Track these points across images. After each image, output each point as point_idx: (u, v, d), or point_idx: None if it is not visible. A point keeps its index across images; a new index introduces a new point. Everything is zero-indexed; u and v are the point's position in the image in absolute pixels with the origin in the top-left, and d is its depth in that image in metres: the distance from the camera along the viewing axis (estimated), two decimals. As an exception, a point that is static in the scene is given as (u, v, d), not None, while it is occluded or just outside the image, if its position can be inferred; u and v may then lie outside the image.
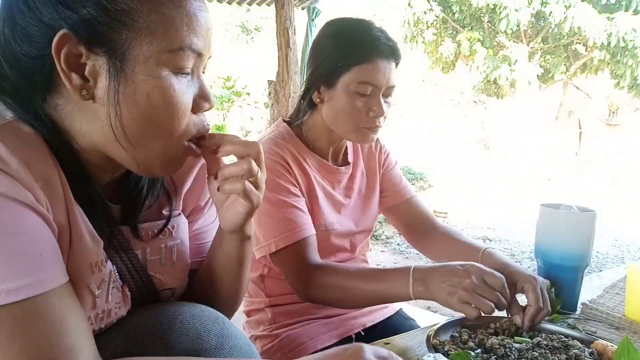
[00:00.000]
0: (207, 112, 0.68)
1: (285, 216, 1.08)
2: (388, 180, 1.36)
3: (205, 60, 0.65)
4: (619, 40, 9.20)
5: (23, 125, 0.58)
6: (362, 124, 1.13)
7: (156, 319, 0.67)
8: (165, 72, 0.59)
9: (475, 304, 0.87)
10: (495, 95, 12.21)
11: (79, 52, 0.57)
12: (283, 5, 4.17)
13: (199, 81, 0.65)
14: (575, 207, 1.10)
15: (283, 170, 1.12)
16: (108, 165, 0.65)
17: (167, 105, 0.60)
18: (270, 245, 1.08)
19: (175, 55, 0.59)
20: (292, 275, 1.09)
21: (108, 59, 0.57)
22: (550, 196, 7.94)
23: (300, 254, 1.08)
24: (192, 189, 0.80)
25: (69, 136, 0.61)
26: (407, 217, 1.36)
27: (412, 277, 0.95)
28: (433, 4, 10.67)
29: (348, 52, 1.10)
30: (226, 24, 15.75)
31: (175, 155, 0.65)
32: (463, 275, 0.90)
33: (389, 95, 1.15)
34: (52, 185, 0.56)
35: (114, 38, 0.56)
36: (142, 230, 0.71)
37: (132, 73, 0.58)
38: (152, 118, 0.60)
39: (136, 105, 0.59)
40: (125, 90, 0.58)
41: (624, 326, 1.03)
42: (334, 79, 1.12)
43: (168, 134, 0.61)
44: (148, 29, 0.57)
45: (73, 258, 0.59)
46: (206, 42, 0.63)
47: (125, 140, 0.60)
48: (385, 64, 1.10)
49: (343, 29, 1.16)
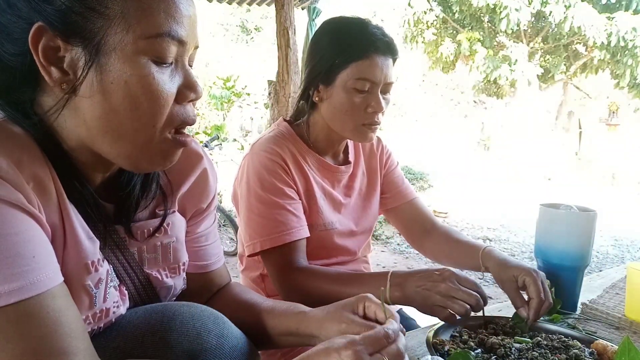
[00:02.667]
0: (202, 106, 0.67)
1: (275, 217, 1.09)
2: (390, 182, 1.36)
3: (189, 50, 0.63)
4: (619, 40, 9.20)
5: (13, 126, 0.57)
6: (360, 121, 1.13)
7: (156, 319, 0.67)
8: (143, 60, 0.58)
9: (449, 307, 0.90)
10: (495, 95, 12.21)
11: (57, 45, 0.56)
12: (283, 5, 4.17)
13: (184, 71, 0.63)
14: (575, 207, 1.10)
15: (280, 171, 1.12)
16: (98, 164, 0.65)
17: (147, 94, 0.58)
18: (256, 244, 1.09)
19: (153, 43, 0.57)
20: (275, 277, 1.10)
21: (84, 49, 0.56)
22: (550, 196, 7.94)
23: (286, 256, 1.08)
24: (192, 191, 0.80)
25: (58, 136, 0.60)
26: (408, 218, 1.36)
27: (389, 282, 0.98)
28: (433, 4, 10.67)
29: (345, 50, 1.10)
30: (226, 24, 15.75)
31: (161, 148, 0.63)
32: (438, 280, 0.92)
33: (387, 91, 1.15)
34: (44, 186, 0.56)
35: (89, 28, 0.55)
36: (137, 229, 0.71)
37: (108, 62, 0.56)
38: (132, 108, 0.58)
39: (114, 95, 0.57)
40: (103, 80, 0.57)
41: (624, 326, 1.03)
42: (332, 76, 1.12)
43: (150, 125, 0.60)
44: (123, 16, 0.56)
45: (69, 258, 0.59)
46: (189, 30, 0.61)
47: (106, 133, 0.59)
48: (382, 60, 1.10)
49: (340, 27, 1.16)
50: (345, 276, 1.06)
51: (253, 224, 1.11)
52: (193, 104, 0.66)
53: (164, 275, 0.76)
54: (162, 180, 0.75)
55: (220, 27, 15.62)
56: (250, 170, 1.13)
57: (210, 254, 0.86)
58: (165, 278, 0.76)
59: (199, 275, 0.85)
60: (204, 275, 0.86)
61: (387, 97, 1.15)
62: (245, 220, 1.13)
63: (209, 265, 0.86)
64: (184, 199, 0.79)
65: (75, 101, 0.58)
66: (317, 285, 1.04)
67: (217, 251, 0.89)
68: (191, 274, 0.84)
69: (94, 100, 0.58)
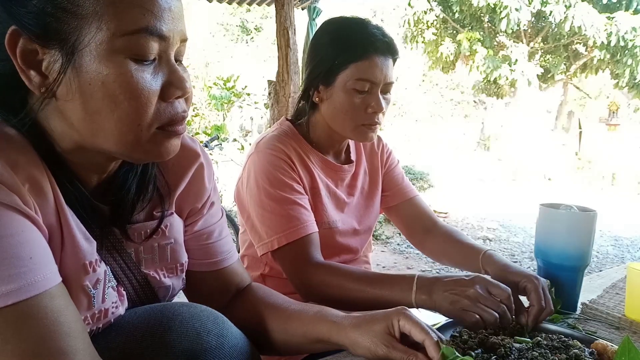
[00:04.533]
0: (188, 99, 0.63)
1: (288, 213, 1.08)
2: (390, 180, 1.36)
3: (174, 45, 0.60)
4: (619, 40, 9.21)
5: (8, 128, 0.57)
6: (360, 121, 1.13)
7: (155, 319, 0.67)
8: (120, 59, 0.55)
9: (478, 313, 0.86)
10: (495, 95, 12.21)
11: (34, 49, 0.55)
12: (283, 5, 4.16)
13: (169, 67, 0.60)
14: (575, 207, 1.10)
15: (287, 167, 1.12)
16: (93, 166, 0.65)
17: (125, 93, 0.56)
18: (273, 242, 1.08)
19: (130, 40, 0.55)
20: (294, 273, 1.08)
21: (61, 51, 0.54)
22: (550, 196, 7.94)
23: (303, 251, 1.07)
24: (188, 190, 0.79)
25: (51, 138, 0.60)
26: (409, 216, 1.36)
27: (415, 284, 0.95)
28: (433, 4, 10.67)
29: (345, 50, 1.10)
30: (226, 24, 15.74)
31: (153, 143, 0.61)
32: (468, 285, 0.89)
33: (387, 91, 1.15)
34: (40, 188, 0.56)
35: (63, 29, 0.54)
36: (134, 230, 0.71)
37: (85, 63, 0.55)
38: (112, 108, 0.56)
39: (94, 96, 0.55)
40: (81, 82, 0.55)
41: (624, 326, 1.03)
42: (332, 77, 1.12)
43: (135, 124, 0.58)
44: (96, 14, 0.54)
45: (66, 259, 0.59)
46: (171, 24, 0.58)
47: (94, 134, 0.58)
48: (382, 60, 1.10)
49: (339, 27, 1.16)
50: (370, 276, 1.03)
51: (267, 222, 1.09)
52: (187, 101, 0.64)
53: (162, 275, 0.75)
54: (159, 182, 0.74)
55: (220, 27, 15.62)
56: (257, 169, 1.12)
57: (220, 251, 0.85)
58: (163, 278, 0.75)
59: (212, 274, 0.84)
60: (218, 273, 0.85)
61: (387, 97, 1.15)
62: (258, 218, 1.11)
63: (220, 261, 0.84)
64: (180, 198, 0.78)
65: (58, 104, 0.57)
66: (339, 284, 1.02)
67: (228, 247, 0.87)
68: (204, 272, 0.83)
69: (75, 103, 0.56)
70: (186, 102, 0.64)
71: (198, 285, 0.84)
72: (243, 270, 0.90)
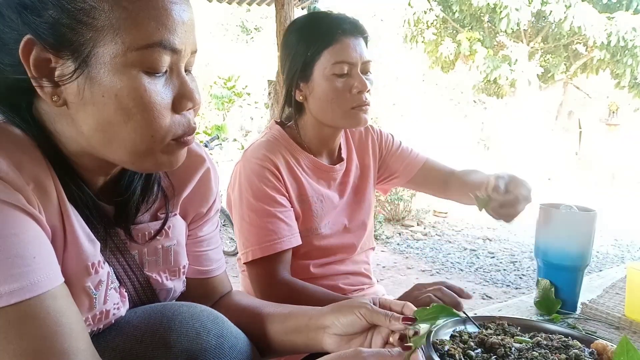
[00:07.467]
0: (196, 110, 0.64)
1: (266, 226, 1.09)
2: (396, 160, 1.37)
3: (186, 57, 0.61)
4: (619, 40, 9.19)
5: (13, 128, 0.57)
6: (348, 104, 1.12)
7: (155, 319, 0.67)
8: (134, 72, 0.56)
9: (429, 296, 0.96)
10: (495, 95, 12.20)
11: (48, 57, 0.55)
12: (283, 5, 4.16)
13: (180, 79, 0.61)
14: (575, 207, 1.10)
15: (272, 177, 1.11)
16: (99, 168, 0.65)
17: (139, 106, 0.56)
18: (248, 253, 1.09)
19: (144, 53, 0.55)
20: (259, 288, 1.10)
21: (74, 61, 0.55)
22: (550, 196, 7.93)
23: (272, 267, 1.08)
24: (194, 195, 0.79)
25: (58, 141, 0.60)
26: (427, 179, 1.38)
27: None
28: (433, 4, 10.66)
29: (315, 41, 1.11)
30: (226, 24, 15.74)
31: (165, 154, 0.62)
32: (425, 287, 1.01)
33: (367, 71, 1.15)
34: (44, 187, 0.56)
35: (77, 40, 0.54)
36: (137, 231, 0.71)
37: (98, 75, 0.55)
38: (125, 120, 0.57)
39: (107, 108, 0.56)
40: (94, 93, 0.55)
41: (624, 326, 1.03)
42: (309, 70, 1.13)
43: (148, 135, 0.58)
44: (112, 27, 0.54)
45: (69, 260, 0.59)
46: (184, 37, 0.59)
47: (106, 143, 0.58)
48: (352, 40, 1.11)
49: (304, 23, 1.17)
50: (331, 297, 1.05)
51: (245, 232, 1.11)
52: (195, 111, 0.64)
53: (164, 277, 0.76)
54: (164, 183, 0.75)
55: (220, 27, 15.62)
56: (242, 178, 1.12)
57: (211, 260, 0.86)
58: (166, 280, 0.76)
59: (200, 281, 0.85)
60: (205, 282, 0.86)
61: (369, 77, 1.15)
62: (238, 228, 1.13)
63: (210, 271, 0.85)
64: (186, 202, 0.79)
65: (70, 112, 0.58)
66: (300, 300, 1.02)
67: (219, 257, 0.88)
68: (192, 279, 0.83)
69: (87, 113, 0.57)
70: (194, 112, 0.64)
71: (184, 290, 0.84)
72: (228, 279, 0.92)
